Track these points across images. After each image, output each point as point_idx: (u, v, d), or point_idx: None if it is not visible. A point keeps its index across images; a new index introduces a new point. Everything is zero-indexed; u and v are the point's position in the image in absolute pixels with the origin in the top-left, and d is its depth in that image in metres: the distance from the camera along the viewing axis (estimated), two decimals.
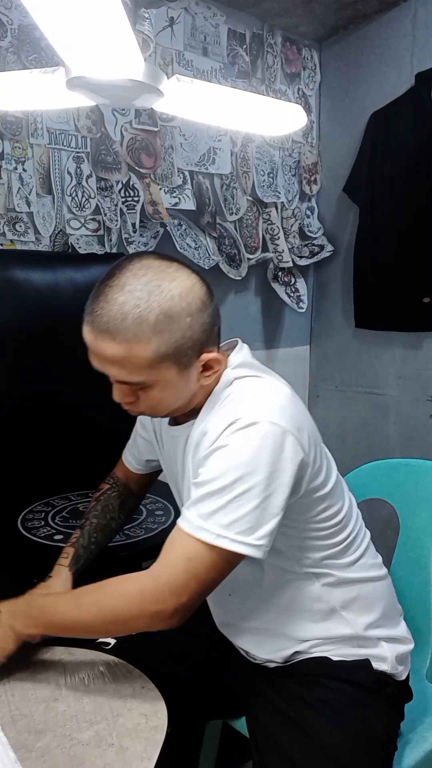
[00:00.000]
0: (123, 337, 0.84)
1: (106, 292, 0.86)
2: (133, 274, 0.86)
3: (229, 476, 0.85)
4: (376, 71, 2.45)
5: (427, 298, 2.28)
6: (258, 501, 0.85)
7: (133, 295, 0.84)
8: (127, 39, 0.83)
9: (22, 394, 1.78)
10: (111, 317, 0.84)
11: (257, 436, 0.86)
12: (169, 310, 0.85)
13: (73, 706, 0.91)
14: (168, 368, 0.88)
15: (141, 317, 0.84)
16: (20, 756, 0.79)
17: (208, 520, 0.85)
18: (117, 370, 0.89)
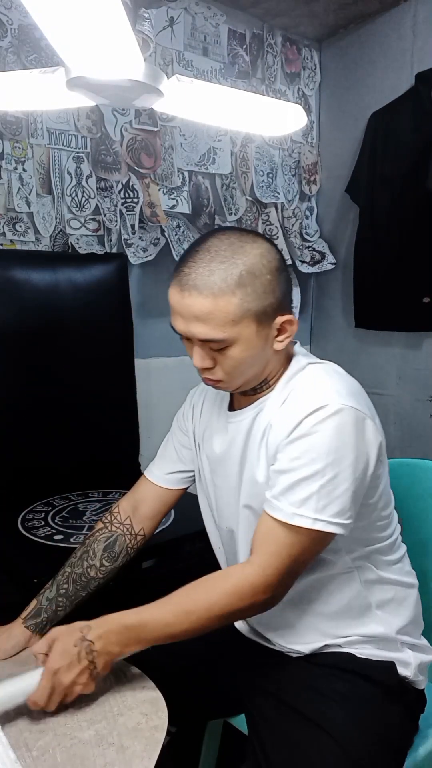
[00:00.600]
0: (210, 291, 0.88)
1: (193, 254, 0.91)
2: (218, 238, 0.92)
3: (319, 462, 0.90)
4: (376, 71, 2.45)
5: (427, 298, 2.28)
6: (348, 484, 0.90)
7: (218, 254, 0.90)
8: (127, 39, 0.83)
9: (22, 393, 1.78)
10: (198, 273, 0.89)
11: (342, 422, 0.90)
12: (252, 267, 0.90)
13: (74, 705, 0.90)
14: (248, 325, 0.91)
15: (226, 272, 0.88)
16: (20, 755, 0.79)
17: (302, 507, 0.90)
18: (201, 327, 0.91)
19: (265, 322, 0.93)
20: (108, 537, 1.17)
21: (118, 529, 1.18)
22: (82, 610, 1.16)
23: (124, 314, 1.99)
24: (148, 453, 2.15)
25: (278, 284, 0.94)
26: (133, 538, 1.18)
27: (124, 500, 1.22)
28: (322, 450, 0.90)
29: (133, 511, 1.19)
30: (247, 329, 0.92)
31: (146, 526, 1.19)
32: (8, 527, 1.57)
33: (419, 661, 1.05)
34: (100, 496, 1.78)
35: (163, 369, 2.32)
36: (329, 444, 0.90)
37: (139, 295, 2.21)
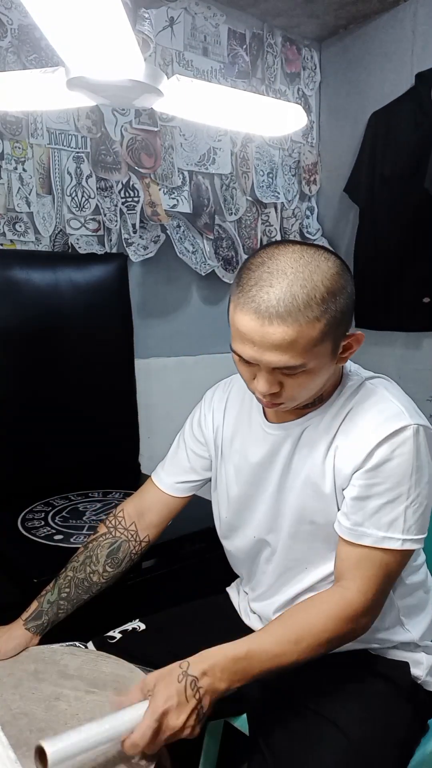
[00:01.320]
0: (295, 319, 0.83)
1: (267, 278, 0.84)
2: (289, 257, 0.86)
3: (403, 485, 0.91)
4: (376, 71, 2.45)
5: (427, 298, 2.28)
6: (427, 501, 0.93)
7: (297, 276, 0.84)
8: (127, 39, 0.83)
9: (22, 393, 1.78)
10: (280, 300, 0.83)
11: (419, 443, 0.92)
12: (332, 287, 0.86)
13: (74, 704, 0.91)
14: (326, 347, 0.88)
15: (309, 296, 0.83)
16: (21, 754, 0.79)
17: (389, 530, 0.91)
18: (279, 356, 0.85)
19: (339, 340, 0.90)
20: (112, 543, 1.15)
21: (123, 534, 1.16)
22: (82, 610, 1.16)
23: (124, 314, 1.99)
24: (148, 453, 2.15)
25: (351, 300, 0.90)
26: (137, 544, 1.16)
27: (129, 504, 1.19)
28: (405, 474, 0.91)
29: (139, 517, 1.17)
30: (324, 350, 0.88)
31: (151, 533, 1.17)
32: (8, 527, 1.57)
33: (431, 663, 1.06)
34: (100, 496, 1.78)
35: (163, 369, 2.32)
36: (410, 467, 0.91)
37: (139, 295, 2.21)
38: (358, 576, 0.92)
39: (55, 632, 1.12)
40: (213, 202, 2.33)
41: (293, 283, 0.83)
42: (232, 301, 0.88)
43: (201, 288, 2.42)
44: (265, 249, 0.90)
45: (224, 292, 2.49)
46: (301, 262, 0.85)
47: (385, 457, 0.91)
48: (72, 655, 1.03)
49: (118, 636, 1.16)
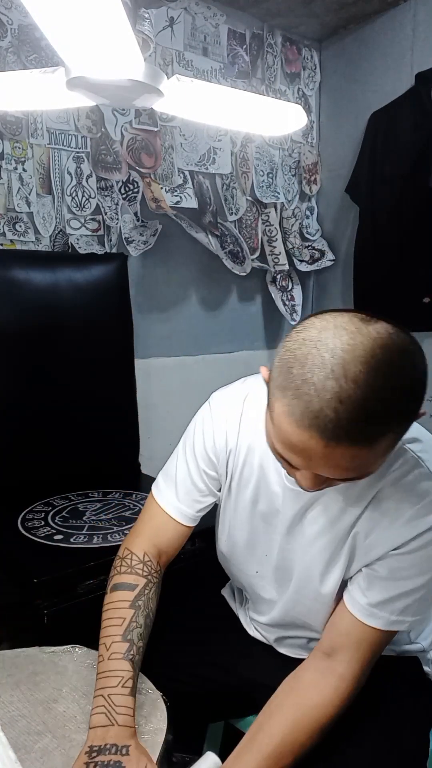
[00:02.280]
0: (366, 438, 0.69)
1: (332, 388, 0.66)
2: (358, 358, 0.67)
3: (426, 575, 0.87)
4: (376, 71, 2.44)
5: (427, 298, 2.28)
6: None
7: (374, 387, 0.67)
8: (127, 39, 0.83)
9: (22, 393, 1.78)
10: (352, 420, 0.67)
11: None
12: (412, 392, 0.72)
13: (72, 707, 0.90)
14: (392, 447, 0.76)
15: (388, 412, 0.69)
16: (19, 757, 0.79)
17: (401, 614, 0.89)
18: (340, 473, 0.74)
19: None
20: (156, 591, 1.01)
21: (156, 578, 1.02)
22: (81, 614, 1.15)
23: (124, 314, 1.99)
24: (148, 453, 2.15)
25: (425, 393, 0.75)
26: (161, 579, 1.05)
27: (146, 543, 1.03)
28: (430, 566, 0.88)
29: (160, 556, 1.05)
30: (389, 452, 0.76)
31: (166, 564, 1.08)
32: (8, 527, 1.57)
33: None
34: (100, 496, 1.78)
35: (163, 369, 2.32)
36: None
37: (140, 296, 2.21)
38: (355, 659, 0.89)
39: (55, 636, 1.12)
40: (214, 202, 2.33)
41: (369, 398, 0.66)
42: (278, 399, 0.71)
43: (201, 288, 2.42)
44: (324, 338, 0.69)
45: (229, 287, 2.48)
46: (374, 365, 0.67)
47: (418, 547, 0.86)
48: (71, 657, 1.03)
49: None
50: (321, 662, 0.91)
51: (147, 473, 2.07)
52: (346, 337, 0.69)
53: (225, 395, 1.03)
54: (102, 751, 0.79)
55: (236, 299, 2.53)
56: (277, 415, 0.72)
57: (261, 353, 2.64)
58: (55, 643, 1.08)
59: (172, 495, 1.04)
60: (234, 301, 2.53)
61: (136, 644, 0.92)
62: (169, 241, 2.22)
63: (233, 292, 2.52)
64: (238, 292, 2.53)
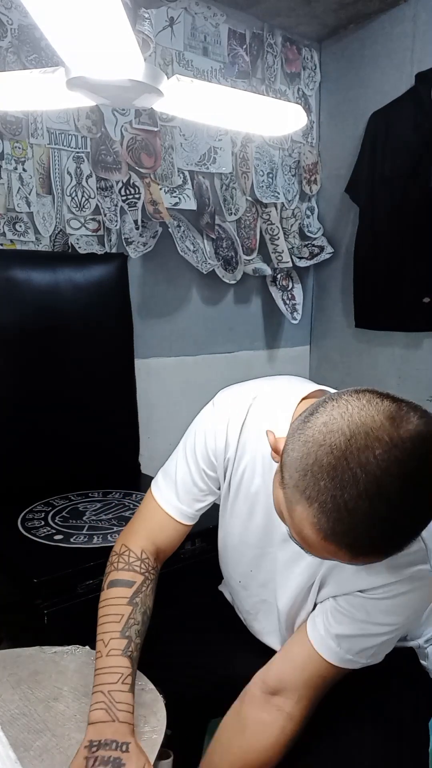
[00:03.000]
0: (395, 548, 0.69)
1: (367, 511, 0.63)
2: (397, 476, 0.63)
3: (390, 627, 0.87)
4: (376, 71, 2.44)
5: (427, 298, 2.28)
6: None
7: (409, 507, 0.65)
8: (127, 39, 0.83)
9: (22, 393, 1.78)
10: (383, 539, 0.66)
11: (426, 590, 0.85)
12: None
13: (73, 705, 0.90)
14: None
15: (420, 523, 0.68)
16: (19, 755, 0.79)
17: (357, 654, 0.88)
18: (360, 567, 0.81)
19: None
20: (153, 588, 1.02)
21: (154, 575, 1.02)
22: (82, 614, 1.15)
23: (124, 314, 1.99)
24: (148, 453, 2.15)
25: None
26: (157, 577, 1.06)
27: (143, 540, 1.03)
28: (401, 614, 0.86)
29: (158, 554, 1.04)
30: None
31: (163, 562, 1.08)
32: (8, 527, 1.57)
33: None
34: (100, 496, 1.78)
35: (163, 369, 2.32)
36: (408, 611, 0.87)
37: (139, 295, 2.21)
38: (305, 697, 0.89)
39: (55, 636, 1.12)
40: (213, 202, 2.33)
41: (403, 515, 0.65)
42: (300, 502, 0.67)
43: (201, 288, 2.42)
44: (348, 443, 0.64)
45: (224, 292, 2.49)
46: (409, 480, 0.63)
47: (386, 595, 0.85)
48: (71, 656, 1.03)
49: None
50: (268, 699, 0.90)
51: (147, 473, 2.07)
52: (379, 449, 0.63)
53: (231, 395, 1.00)
54: (102, 746, 0.79)
55: (236, 299, 2.53)
56: (299, 519, 0.68)
57: (261, 353, 2.64)
58: (55, 643, 1.09)
59: (172, 494, 1.02)
60: (234, 301, 2.53)
61: (134, 641, 0.91)
62: (169, 241, 2.22)
63: (233, 292, 2.52)
64: (238, 292, 2.53)
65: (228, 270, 2.39)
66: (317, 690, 0.90)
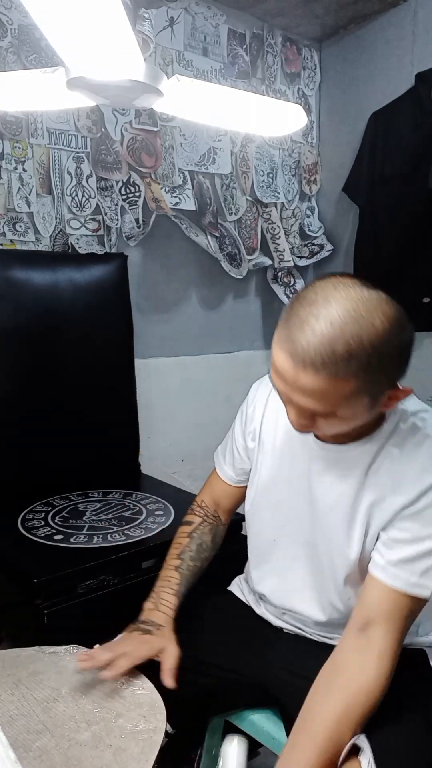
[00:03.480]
0: (328, 372, 0.78)
1: (311, 322, 0.78)
2: (342, 305, 0.78)
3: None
4: (376, 71, 2.44)
5: (427, 298, 2.28)
6: None
7: (344, 331, 0.77)
8: (127, 39, 0.83)
9: (22, 394, 1.78)
10: (317, 351, 0.78)
11: None
12: (379, 348, 0.79)
13: (72, 706, 0.90)
14: (360, 401, 0.84)
15: (352, 356, 0.77)
16: (18, 756, 0.79)
17: (422, 577, 0.90)
18: (307, 401, 0.83)
19: (379, 396, 0.86)
20: (212, 528, 1.23)
21: (215, 521, 1.25)
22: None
23: (124, 314, 1.99)
24: (148, 453, 2.15)
25: (403, 360, 0.88)
26: (224, 528, 1.27)
27: (204, 495, 1.28)
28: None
29: (216, 506, 1.26)
30: (360, 404, 0.84)
31: (226, 518, 1.27)
32: (8, 527, 1.57)
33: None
34: (100, 496, 1.78)
35: (163, 369, 2.32)
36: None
37: (140, 295, 2.21)
38: (390, 631, 0.90)
39: (55, 636, 1.12)
40: (214, 202, 2.33)
41: (337, 338, 0.77)
42: (276, 332, 0.84)
43: (201, 288, 2.42)
44: (322, 285, 0.82)
45: (229, 287, 2.48)
46: (353, 314, 0.78)
47: (427, 505, 0.90)
48: (71, 656, 1.03)
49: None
50: (358, 641, 0.92)
51: (147, 473, 2.07)
52: (344, 291, 0.80)
53: (260, 380, 1.22)
54: (144, 622, 1.05)
55: (236, 299, 2.53)
56: (273, 345, 0.86)
57: (261, 353, 2.64)
58: (55, 643, 1.08)
59: (221, 459, 1.26)
60: (234, 301, 2.53)
61: (187, 562, 1.16)
62: (169, 241, 2.22)
63: (233, 291, 2.52)
64: (238, 291, 2.53)
65: (234, 265, 2.39)
66: (400, 622, 0.91)
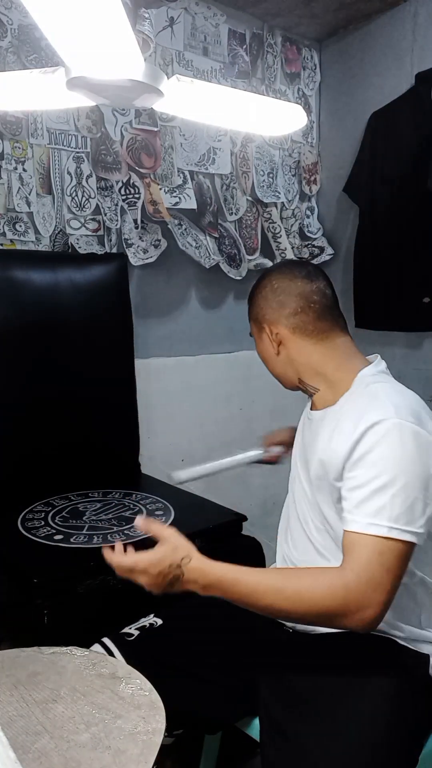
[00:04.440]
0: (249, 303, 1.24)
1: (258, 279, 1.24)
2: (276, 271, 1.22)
3: (386, 475, 0.95)
4: (376, 71, 2.44)
5: (427, 298, 2.28)
6: (416, 493, 0.95)
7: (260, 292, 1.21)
8: (127, 39, 0.83)
9: (21, 393, 1.78)
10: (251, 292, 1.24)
11: (402, 435, 0.96)
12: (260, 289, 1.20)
13: (72, 707, 0.90)
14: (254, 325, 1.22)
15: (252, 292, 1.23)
16: (17, 757, 0.79)
17: (376, 517, 0.94)
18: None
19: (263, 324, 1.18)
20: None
21: None
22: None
23: (124, 314, 1.99)
24: (148, 453, 2.15)
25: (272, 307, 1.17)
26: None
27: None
28: (388, 464, 0.95)
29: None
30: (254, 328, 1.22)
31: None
32: (8, 527, 1.57)
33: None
34: (100, 496, 1.78)
35: (163, 369, 2.32)
36: (393, 458, 0.95)
37: (139, 296, 2.21)
38: (353, 560, 0.94)
39: (55, 636, 1.12)
40: (214, 202, 2.33)
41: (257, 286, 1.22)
42: None
43: (201, 288, 2.42)
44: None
45: (224, 292, 2.48)
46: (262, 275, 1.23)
47: (367, 448, 0.97)
48: (70, 657, 1.03)
49: (135, 633, 1.18)
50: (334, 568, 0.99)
51: (147, 473, 2.07)
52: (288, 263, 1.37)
53: None
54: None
55: (236, 299, 2.53)
56: None
57: None
58: (55, 643, 1.08)
59: None
60: (234, 301, 2.53)
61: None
62: (169, 241, 2.22)
63: (233, 292, 2.51)
64: (238, 292, 2.53)
65: (233, 266, 2.39)
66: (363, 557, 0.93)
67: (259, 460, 1.47)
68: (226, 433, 2.47)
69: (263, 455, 1.47)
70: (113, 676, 0.98)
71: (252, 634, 1.17)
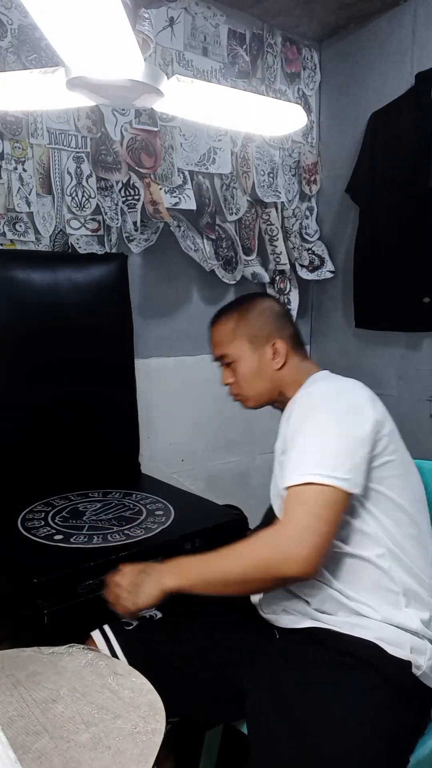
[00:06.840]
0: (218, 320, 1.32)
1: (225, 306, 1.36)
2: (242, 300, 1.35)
3: (305, 430, 1.08)
4: (376, 71, 2.44)
5: (427, 298, 2.28)
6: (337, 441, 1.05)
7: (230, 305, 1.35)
8: (127, 39, 0.83)
9: (21, 393, 1.78)
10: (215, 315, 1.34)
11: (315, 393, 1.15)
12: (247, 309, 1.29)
13: (71, 707, 0.90)
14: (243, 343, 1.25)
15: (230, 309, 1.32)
16: (17, 757, 0.79)
17: (301, 466, 1.04)
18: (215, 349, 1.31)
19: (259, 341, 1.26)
20: None
21: None
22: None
23: (124, 314, 1.99)
24: (148, 453, 2.15)
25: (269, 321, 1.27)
26: None
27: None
28: (301, 418, 1.10)
29: None
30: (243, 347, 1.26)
31: None
32: (8, 527, 1.57)
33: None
34: (100, 496, 1.78)
35: (163, 369, 2.32)
36: (306, 411, 1.11)
37: (139, 295, 2.21)
38: (285, 512, 1.04)
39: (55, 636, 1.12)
40: (213, 202, 2.33)
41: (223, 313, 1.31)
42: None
43: (201, 288, 2.42)
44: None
45: (224, 293, 2.48)
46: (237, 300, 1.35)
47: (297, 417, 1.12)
48: (70, 657, 1.03)
49: (134, 623, 1.20)
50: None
51: (147, 473, 2.07)
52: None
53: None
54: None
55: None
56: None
57: None
58: (54, 643, 1.09)
59: None
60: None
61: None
62: (169, 241, 2.22)
63: (233, 292, 2.51)
64: (237, 292, 2.53)
65: (228, 270, 2.39)
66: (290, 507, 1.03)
67: None
68: (226, 433, 2.47)
69: None
70: (113, 676, 0.98)
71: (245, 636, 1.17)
